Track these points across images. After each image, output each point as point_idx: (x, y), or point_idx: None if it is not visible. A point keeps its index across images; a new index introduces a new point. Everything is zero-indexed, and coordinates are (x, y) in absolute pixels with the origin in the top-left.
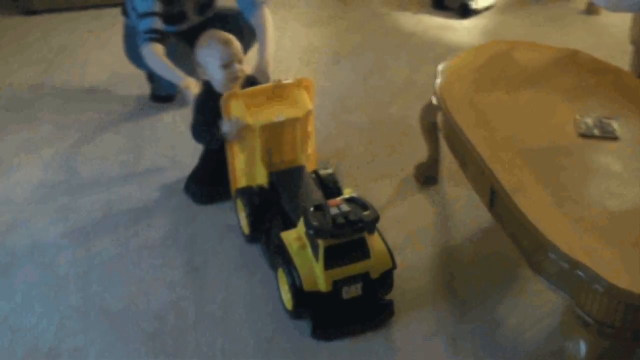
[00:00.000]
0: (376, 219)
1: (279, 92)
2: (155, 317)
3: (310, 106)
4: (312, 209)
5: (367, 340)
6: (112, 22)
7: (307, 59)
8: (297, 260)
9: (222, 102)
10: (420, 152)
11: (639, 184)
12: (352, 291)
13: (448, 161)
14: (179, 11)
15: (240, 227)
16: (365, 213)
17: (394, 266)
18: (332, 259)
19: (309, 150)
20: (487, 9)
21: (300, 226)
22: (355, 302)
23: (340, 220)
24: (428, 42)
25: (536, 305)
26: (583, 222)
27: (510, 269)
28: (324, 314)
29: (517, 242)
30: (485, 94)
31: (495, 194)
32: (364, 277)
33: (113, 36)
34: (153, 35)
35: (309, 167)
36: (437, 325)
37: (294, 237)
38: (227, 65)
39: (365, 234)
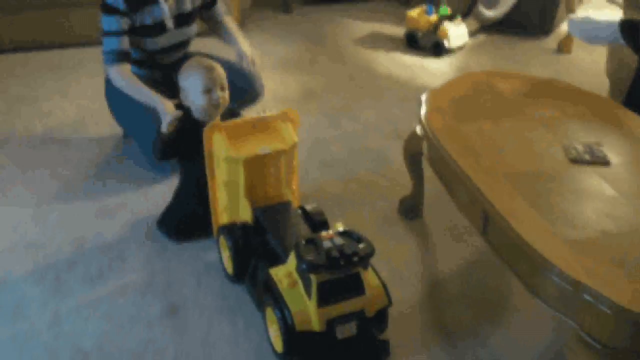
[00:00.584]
0: (372, 252)
1: (263, 124)
2: (133, 355)
3: (295, 139)
4: (303, 242)
5: None
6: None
7: (280, 96)
8: (287, 298)
9: (204, 134)
10: (400, 186)
11: (633, 207)
12: (346, 330)
13: (431, 193)
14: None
15: (223, 267)
16: (361, 246)
17: (390, 303)
18: (325, 295)
19: (294, 186)
20: (460, 48)
21: (291, 262)
22: (350, 343)
23: (335, 253)
24: (403, 79)
25: (529, 336)
26: (581, 244)
27: (499, 299)
28: (316, 355)
29: (513, 266)
30: (470, 123)
31: (488, 219)
32: (359, 315)
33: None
34: (119, 57)
35: (294, 203)
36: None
37: (283, 274)
38: (208, 90)
39: (360, 269)
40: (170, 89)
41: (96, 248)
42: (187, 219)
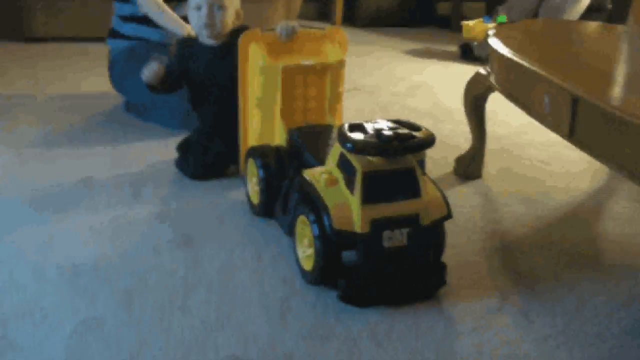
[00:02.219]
0: (432, 138)
1: (306, 41)
2: (133, 275)
3: (343, 56)
4: (347, 126)
5: (414, 311)
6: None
7: None
8: (325, 197)
9: (239, 43)
10: (455, 146)
11: None
12: (395, 238)
13: (490, 157)
14: None
15: (248, 198)
16: (417, 132)
17: (450, 214)
18: (372, 191)
19: (338, 115)
20: None
21: (330, 160)
22: (399, 256)
23: (388, 133)
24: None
25: (619, 290)
26: None
27: (580, 250)
28: (357, 269)
29: (613, 158)
30: (545, 46)
31: (577, 114)
32: (412, 221)
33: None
34: None
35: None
36: (503, 301)
37: (320, 172)
38: (197, 7)
39: (416, 166)
40: None
41: (106, 185)
42: (208, 156)
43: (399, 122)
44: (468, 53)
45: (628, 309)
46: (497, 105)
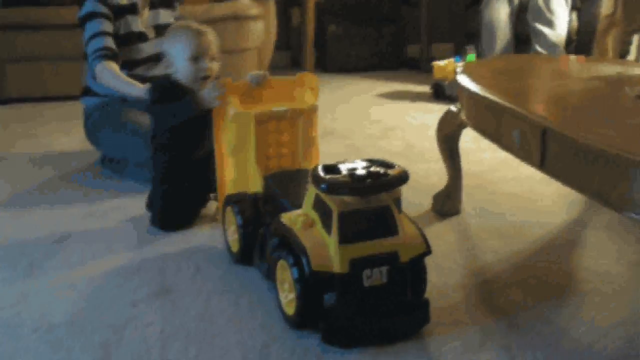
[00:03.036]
0: (405, 175)
1: (277, 89)
2: (108, 328)
3: (314, 101)
4: (321, 168)
5: (397, 352)
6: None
7: None
8: (303, 239)
9: (216, 88)
10: (432, 182)
11: None
12: (375, 277)
13: (466, 194)
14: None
15: (228, 246)
16: (391, 170)
17: (428, 250)
18: (349, 230)
19: (313, 161)
20: None
21: (306, 203)
22: (380, 295)
23: (361, 172)
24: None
25: (599, 319)
26: None
27: (559, 282)
28: (338, 309)
29: (587, 187)
30: (512, 81)
31: (547, 146)
32: (391, 259)
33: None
34: (105, 52)
35: None
36: (484, 337)
37: (296, 215)
38: (195, 58)
39: (392, 204)
40: None
41: (80, 240)
42: (179, 203)
43: (372, 161)
44: (440, 93)
45: (608, 338)
46: (471, 143)
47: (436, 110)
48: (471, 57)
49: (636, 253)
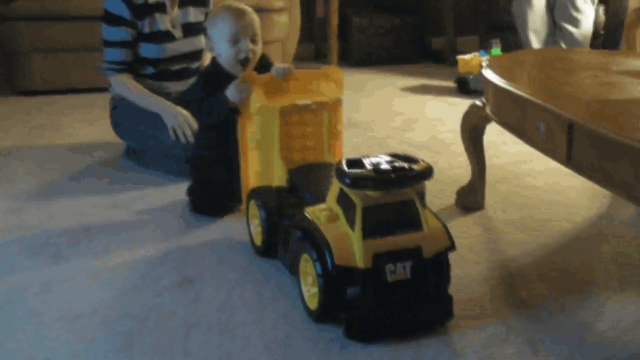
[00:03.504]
0: (429, 170)
1: (302, 82)
2: (132, 317)
3: (340, 95)
4: (345, 162)
5: (419, 345)
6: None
7: None
8: (326, 233)
9: (239, 84)
10: (456, 175)
11: None
12: (398, 272)
13: (490, 188)
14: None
15: (251, 238)
16: (416, 165)
17: (452, 245)
18: (372, 225)
19: (337, 153)
20: None
21: (329, 197)
22: (403, 290)
23: (385, 166)
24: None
25: (623, 314)
26: None
27: (583, 278)
28: (361, 304)
29: (611, 181)
30: (538, 75)
31: (573, 140)
32: (414, 254)
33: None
34: (120, 67)
35: None
36: (507, 330)
37: (321, 209)
38: (235, 40)
39: (415, 197)
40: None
41: (104, 230)
42: (213, 189)
43: (396, 156)
44: (464, 87)
45: (633, 334)
46: (496, 136)
47: (460, 104)
48: (496, 50)
49: None
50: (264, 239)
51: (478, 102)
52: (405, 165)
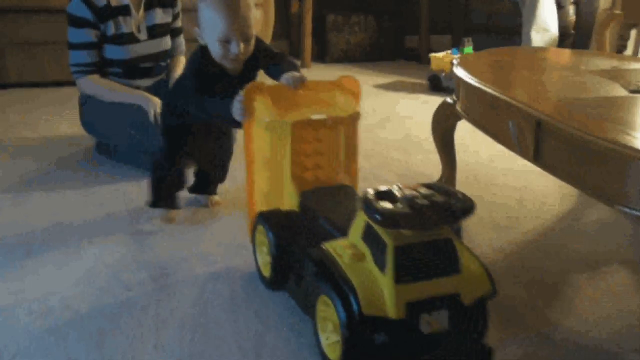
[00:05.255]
0: (472, 205)
1: (315, 94)
2: (103, 313)
3: (357, 108)
4: (373, 192)
5: None
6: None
7: None
8: (351, 275)
9: (243, 95)
10: (429, 173)
11: None
12: (434, 323)
13: (461, 186)
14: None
15: (258, 268)
16: (454, 200)
17: (494, 290)
18: (406, 267)
19: (354, 171)
20: None
21: (353, 232)
22: (439, 342)
23: (421, 202)
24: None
25: (590, 311)
26: None
27: (552, 281)
28: (391, 356)
29: (580, 180)
30: (508, 73)
31: (541, 139)
32: (452, 301)
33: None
34: (87, 69)
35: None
36: None
37: (344, 246)
38: (225, 40)
39: (455, 241)
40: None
41: (77, 226)
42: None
43: (430, 187)
44: (437, 84)
45: (600, 328)
46: (467, 134)
47: (433, 102)
48: (468, 49)
49: (629, 246)
50: (274, 270)
51: (449, 100)
52: (445, 199)
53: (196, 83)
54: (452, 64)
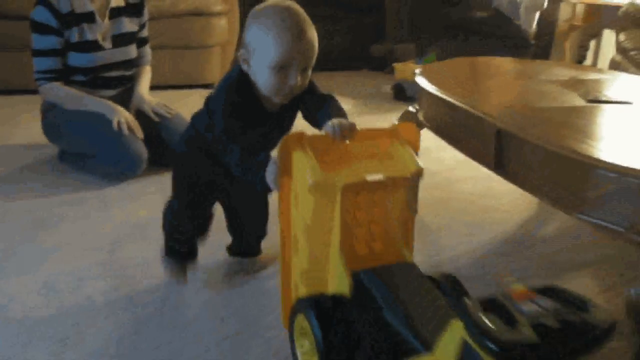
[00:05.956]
0: (613, 324)
1: (367, 145)
2: (68, 319)
3: (420, 164)
4: (473, 303)
5: None
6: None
7: None
8: None
9: (280, 148)
10: None
11: None
12: None
13: (423, 193)
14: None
15: None
16: (587, 314)
17: None
18: None
19: (410, 243)
20: None
21: (442, 350)
22: None
23: (551, 323)
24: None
25: None
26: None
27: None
28: None
29: (541, 189)
30: (469, 82)
31: (503, 149)
32: None
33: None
34: (52, 76)
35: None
36: None
37: None
38: (282, 69)
39: None
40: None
41: (45, 230)
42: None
43: (549, 292)
44: (401, 93)
45: None
46: (430, 142)
47: (397, 111)
48: (431, 58)
49: (589, 251)
50: None
51: (411, 109)
52: (578, 316)
53: (226, 122)
54: (414, 73)
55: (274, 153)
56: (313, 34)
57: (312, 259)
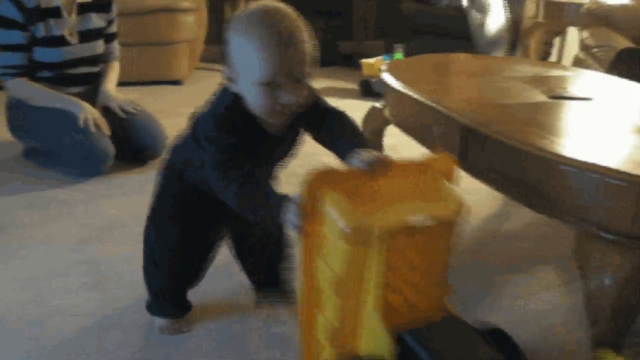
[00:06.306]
0: None
1: (400, 181)
2: (39, 319)
3: (461, 201)
4: None
5: None
6: None
7: None
8: None
9: (303, 185)
10: None
11: None
12: None
13: None
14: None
15: None
16: None
17: None
18: None
19: (447, 292)
20: None
21: None
22: None
23: None
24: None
25: (515, 307)
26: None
27: (480, 280)
28: None
29: (506, 185)
30: (435, 79)
31: (469, 143)
32: None
33: None
34: (18, 71)
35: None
36: None
37: None
38: (272, 84)
39: None
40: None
41: (17, 228)
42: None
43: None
44: (368, 90)
45: (521, 323)
46: (396, 139)
47: (364, 107)
48: (398, 55)
49: (556, 245)
50: None
51: (378, 105)
52: None
53: (220, 154)
54: (380, 70)
55: (295, 191)
56: (303, 38)
57: (342, 316)
